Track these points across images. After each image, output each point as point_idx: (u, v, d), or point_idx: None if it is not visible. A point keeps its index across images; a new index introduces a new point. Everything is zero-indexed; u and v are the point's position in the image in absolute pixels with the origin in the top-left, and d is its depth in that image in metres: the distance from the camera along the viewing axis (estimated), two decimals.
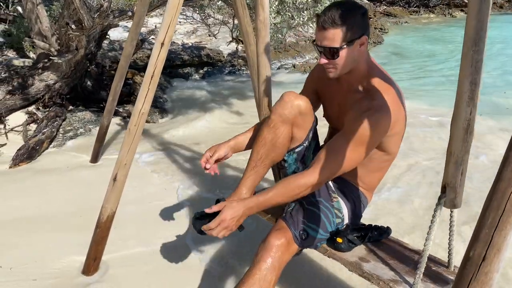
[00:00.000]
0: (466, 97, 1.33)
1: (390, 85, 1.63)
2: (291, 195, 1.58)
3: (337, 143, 1.59)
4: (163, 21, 2.16)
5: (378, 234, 1.85)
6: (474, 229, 0.97)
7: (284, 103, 1.72)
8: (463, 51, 1.30)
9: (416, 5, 16.27)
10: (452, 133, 1.42)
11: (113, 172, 2.26)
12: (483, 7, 1.22)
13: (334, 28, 1.52)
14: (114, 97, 3.26)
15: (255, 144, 1.79)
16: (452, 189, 1.48)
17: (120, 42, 7.20)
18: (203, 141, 4.16)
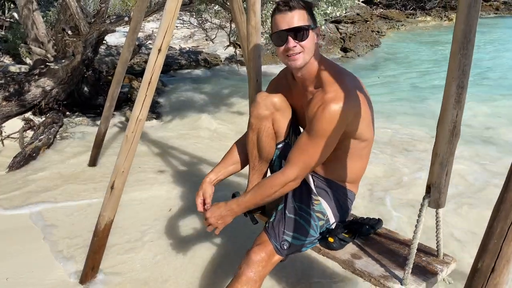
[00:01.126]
0: (452, 100, 1.35)
1: (340, 76, 1.67)
2: (268, 194, 1.69)
3: (302, 141, 1.65)
4: (160, 27, 2.17)
5: (369, 227, 1.86)
6: (482, 240, 0.96)
7: (258, 104, 1.83)
8: (451, 54, 1.32)
9: (412, 8, 16.32)
10: (438, 135, 1.44)
11: (110, 180, 2.27)
12: (471, 12, 1.24)
13: (300, 9, 1.61)
14: (111, 103, 3.27)
15: (247, 147, 1.93)
16: (436, 189, 1.50)
17: (117, 48, 7.23)
18: (199, 143, 4.18)
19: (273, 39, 1.67)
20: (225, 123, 4.90)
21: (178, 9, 2.21)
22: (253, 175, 1.94)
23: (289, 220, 1.74)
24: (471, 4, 1.24)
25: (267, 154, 1.89)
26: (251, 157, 1.92)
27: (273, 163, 1.93)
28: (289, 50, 1.61)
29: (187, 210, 2.98)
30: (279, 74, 1.98)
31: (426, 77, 7.20)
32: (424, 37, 11.60)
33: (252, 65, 2.07)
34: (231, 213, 1.74)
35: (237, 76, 7.29)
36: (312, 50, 1.65)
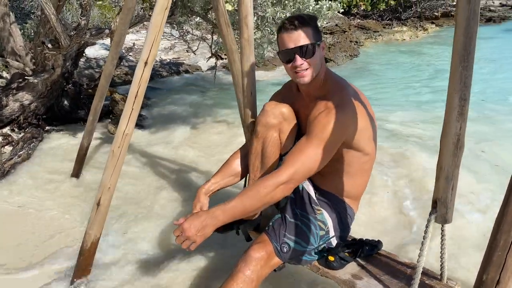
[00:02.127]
0: (456, 112, 1.34)
1: (344, 86, 1.71)
2: (258, 197, 1.52)
3: (301, 144, 1.63)
4: (146, 40, 2.13)
5: (369, 249, 1.85)
6: (485, 253, 0.96)
7: (266, 112, 1.81)
8: (452, 67, 1.31)
9: (388, 18, 16.68)
10: (442, 149, 1.43)
11: (96, 197, 2.19)
12: (471, 24, 1.24)
13: (305, 27, 1.64)
14: (94, 117, 3.18)
15: (249, 157, 1.89)
16: (443, 204, 1.48)
17: (97, 60, 7.11)
18: (185, 154, 4.11)
19: (280, 56, 1.70)
20: (210, 133, 4.83)
21: (164, 22, 2.18)
22: None
23: (290, 224, 1.71)
24: (470, 17, 1.23)
25: (271, 165, 1.84)
26: (253, 168, 1.87)
27: None
28: (297, 67, 1.65)
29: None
30: (283, 87, 2.00)
31: (406, 90, 7.28)
32: (401, 47, 11.82)
33: (246, 78, 2.04)
34: (214, 221, 1.47)
35: (219, 87, 7.26)
36: (319, 65, 1.69)
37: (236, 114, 5.49)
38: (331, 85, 1.72)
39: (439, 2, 17.92)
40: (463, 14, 1.24)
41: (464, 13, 1.23)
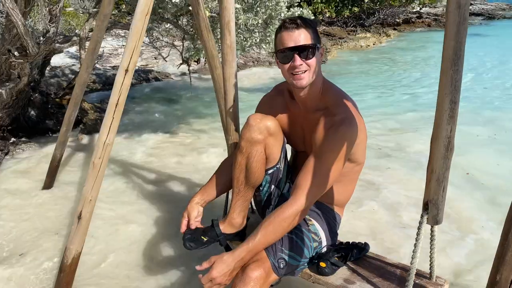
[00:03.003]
0: (446, 115, 1.37)
1: (344, 98, 1.68)
2: (280, 230, 1.56)
3: (312, 166, 1.59)
4: (127, 47, 2.08)
5: (358, 252, 1.86)
6: (497, 253, 0.97)
7: (251, 127, 1.72)
8: (442, 71, 1.34)
9: (353, 25, 17.10)
10: (432, 151, 1.45)
11: (77, 210, 2.11)
12: (460, 29, 1.27)
13: (306, 28, 1.60)
14: (67, 127, 3.07)
15: (233, 171, 1.81)
16: (434, 205, 1.51)
17: (62, 68, 6.88)
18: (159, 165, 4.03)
19: (278, 56, 1.63)
20: (185, 140, 4.77)
21: (145, 29, 2.13)
22: (237, 201, 1.82)
23: (285, 238, 1.67)
24: (460, 22, 1.27)
25: (256, 179, 1.79)
26: (237, 182, 1.79)
27: (262, 189, 1.86)
28: (295, 68, 1.59)
29: (159, 236, 2.83)
30: (273, 90, 1.93)
31: (376, 95, 7.48)
32: (367, 53, 12.12)
33: (228, 84, 2.02)
34: (241, 263, 1.53)
35: (192, 93, 7.18)
36: (317, 69, 1.64)
37: (210, 121, 5.50)
38: (332, 97, 1.68)
39: (400, 10, 18.55)
40: (453, 19, 1.27)
41: (454, 18, 1.26)
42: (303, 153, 1.85)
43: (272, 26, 5.02)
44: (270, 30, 5.01)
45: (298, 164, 1.93)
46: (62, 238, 2.76)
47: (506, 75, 8.32)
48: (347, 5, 16.14)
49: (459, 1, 1.24)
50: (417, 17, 20.16)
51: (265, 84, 7.60)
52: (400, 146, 4.48)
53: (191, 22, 5.12)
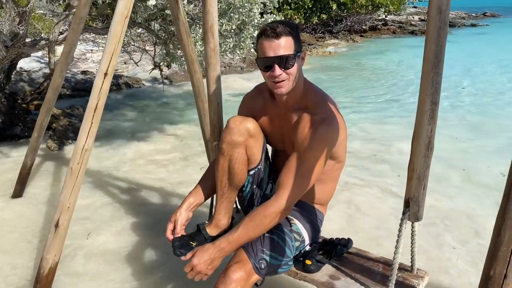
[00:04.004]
0: (427, 115, 1.42)
1: (324, 98, 1.72)
2: (261, 226, 1.58)
3: (294, 165, 1.61)
4: (106, 51, 2.04)
5: (342, 248, 1.89)
6: (489, 248, 1.01)
7: (231, 130, 1.74)
8: (423, 73, 1.39)
9: (321, 32, 17.41)
10: (413, 150, 1.51)
11: (54, 218, 2.04)
12: (441, 34, 1.32)
13: (287, 36, 1.58)
14: (39, 133, 2.97)
15: (216, 173, 1.83)
16: (415, 203, 1.56)
17: (29, 73, 6.67)
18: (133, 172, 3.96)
19: (259, 63, 1.64)
20: (160, 147, 4.71)
21: (124, 32, 2.11)
22: (221, 203, 1.83)
23: (266, 239, 1.67)
24: (441, 27, 1.32)
25: (238, 181, 1.81)
26: (220, 184, 1.81)
27: (245, 189, 1.87)
28: (275, 77, 1.60)
29: (141, 243, 2.78)
30: (253, 90, 1.94)
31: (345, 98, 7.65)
32: (335, 59, 12.38)
33: (213, 88, 2.02)
34: (221, 254, 1.55)
35: (164, 99, 7.12)
36: (298, 76, 1.65)
37: (185, 128, 5.45)
38: (313, 97, 1.71)
39: (367, 17, 19.06)
40: (433, 24, 1.32)
41: (435, 24, 1.32)
42: (283, 152, 1.88)
43: (246, 32, 5.05)
44: (243, 35, 5.04)
45: (278, 163, 1.95)
46: (36, 249, 2.66)
47: (463, 79, 8.69)
48: (315, 12, 16.42)
49: (439, 7, 1.30)
50: (383, 24, 20.76)
51: (236, 90, 7.62)
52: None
53: (163, 27, 5.07)
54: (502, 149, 4.50)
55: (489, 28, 22.48)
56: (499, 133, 5.11)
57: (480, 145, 4.70)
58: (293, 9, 15.30)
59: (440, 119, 1.50)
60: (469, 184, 3.67)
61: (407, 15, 24.04)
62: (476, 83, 8.25)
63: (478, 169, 3.96)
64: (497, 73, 9.27)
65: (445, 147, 4.41)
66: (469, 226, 2.95)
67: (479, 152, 4.47)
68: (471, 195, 3.44)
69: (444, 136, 4.75)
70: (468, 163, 4.12)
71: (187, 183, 3.62)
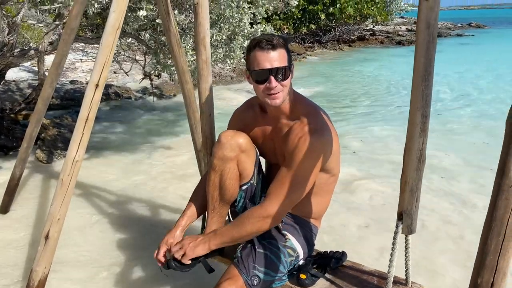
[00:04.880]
0: (418, 128, 1.44)
1: (314, 109, 1.72)
2: (243, 228, 1.60)
3: (283, 174, 1.61)
4: (97, 62, 2.05)
5: (336, 261, 1.88)
6: (477, 256, 1.02)
7: (222, 145, 1.72)
8: (413, 86, 1.41)
9: (310, 41, 17.58)
10: (405, 163, 1.52)
11: (44, 229, 2.02)
12: (430, 47, 1.35)
13: (281, 48, 1.59)
14: (29, 143, 2.94)
15: (208, 188, 1.81)
16: (408, 215, 1.57)
17: (16, 83, 6.61)
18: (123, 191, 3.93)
19: (253, 76, 1.62)
20: (154, 161, 4.64)
21: (115, 43, 2.12)
22: (212, 218, 1.82)
23: (259, 255, 1.67)
24: (430, 41, 1.35)
25: (230, 196, 1.79)
26: (211, 199, 1.79)
27: (237, 204, 1.86)
28: (271, 89, 1.60)
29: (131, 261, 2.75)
30: (244, 105, 1.94)
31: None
32: (322, 67, 12.49)
33: (204, 99, 2.03)
34: (205, 242, 1.64)
35: (153, 109, 7.09)
36: (289, 87, 1.66)
37: (174, 140, 5.41)
38: (303, 108, 1.70)
39: (355, 27, 19.31)
40: (422, 38, 1.35)
41: (424, 37, 1.34)
42: (276, 165, 1.87)
43: (236, 42, 5.08)
44: (233, 45, 5.07)
45: (271, 176, 1.94)
46: (25, 261, 2.62)
47: (447, 86, 8.95)
48: (304, 22, 16.59)
49: (428, 22, 1.33)
50: (371, 34, 21.04)
51: (230, 99, 7.64)
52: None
53: (153, 37, 5.08)
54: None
55: (474, 38, 22.95)
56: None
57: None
58: (282, 19, 15.44)
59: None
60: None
61: (394, 26, 24.42)
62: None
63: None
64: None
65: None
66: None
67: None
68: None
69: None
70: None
71: (177, 195, 3.59)
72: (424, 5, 1.33)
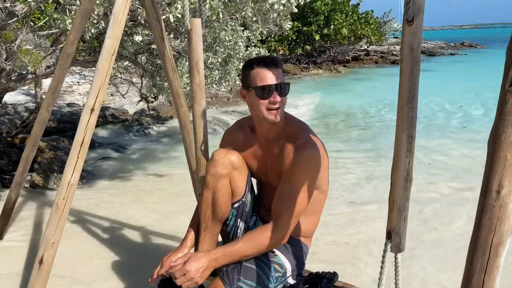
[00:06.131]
0: (404, 149, 1.48)
1: (304, 126, 1.80)
2: (258, 248, 1.64)
3: (285, 191, 1.66)
4: (92, 86, 2.09)
5: (327, 282, 1.89)
6: (464, 276, 1.04)
7: (215, 162, 1.77)
8: (399, 108, 1.46)
9: (306, 62, 17.80)
10: (393, 183, 1.55)
11: (38, 254, 2.02)
12: (414, 70, 1.40)
13: (280, 67, 1.73)
14: (24, 167, 2.95)
15: (200, 206, 1.85)
16: (396, 234, 1.59)
17: (14, 106, 6.66)
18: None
19: (257, 92, 1.68)
20: (144, 185, 4.64)
21: (111, 68, 2.16)
22: (204, 236, 1.84)
23: (244, 268, 1.68)
24: (413, 64, 1.40)
25: (222, 214, 1.82)
26: (204, 217, 1.83)
27: (229, 222, 1.88)
28: (274, 104, 1.67)
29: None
30: (234, 125, 2.00)
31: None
32: (321, 86, 12.62)
33: (198, 122, 2.07)
34: (214, 263, 1.59)
35: (151, 134, 7.11)
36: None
37: (169, 164, 5.40)
38: (293, 126, 1.78)
39: (350, 47, 19.58)
40: (406, 61, 1.39)
41: (408, 61, 1.39)
42: (267, 184, 1.92)
43: (231, 64, 5.17)
44: (229, 68, 5.15)
45: (262, 195, 1.99)
46: (18, 285, 2.61)
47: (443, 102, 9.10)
48: (299, 43, 16.82)
49: (411, 46, 1.38)
50: (365, 54, 21.35)
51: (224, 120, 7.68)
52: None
53: (150, 60, 5.16)
54: None
55: (467, 56, 23.30)
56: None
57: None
58: (277, 41, 15.67)
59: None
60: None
61: (388, 45, 24.79)
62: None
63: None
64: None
65: None
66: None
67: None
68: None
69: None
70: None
71: (172, 223, 3.54)
72: (407, 30, 1.38)
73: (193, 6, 3.10)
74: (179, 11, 3.10)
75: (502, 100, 1.00)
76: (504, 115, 0.99)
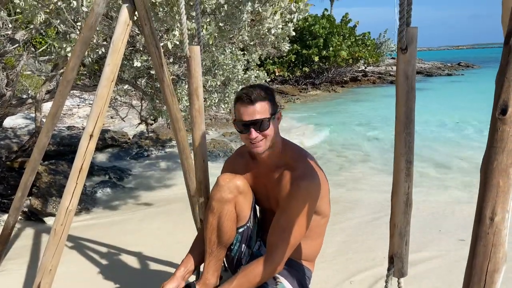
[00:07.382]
0: (403, 174, 1.48)
1: (303, 154, 1.80)
2: (253, 283, 1.62)
3: (281, 223, 1.66)
4: (92, 112, 2.11)
5: None
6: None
7: (221, 187, 1.78)
8: (396, 134, 1.47)
9: (304, 83, 17.98)
10: (393, 207, 1.55)
11: (35, 281, 2.01)
12: (409, 96, 1.42)
13: (262, 101, 1.69)
14: (23, 192, 2.94)
15: (205, 231, 1.84)
16: (399, 259, 1.58)
17: (14, 129, 6.67)
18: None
19: (236, 126, 1.73)
20: (152, 212, 4.60)
21: (110, 94, 2.19)
22: (209, 262, 1.83)
23: None
24: (408, 91, 1.42)
25: (227, 239, 1.82)
26: (209, 242, 1.82)
27: (233, 248, 1.88)
28: (252, 139, 1.69)
29: None
30: (235, 153, 2.02)
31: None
32: (317, 107, 12.70)
33: (198, 146, 2.08)
34: None
35: (150, 157, 7.11)
36: (274, 135, 1.73)
37: (169, 189, 5.36)
38: (291, 153, 1.78)
39: (347, 69, 19.81)
40: (402, 88, 1.42)
41: (403, 88, 1.41)
42: (269, 210, 1.91)
43: (230, 87, 5.21)
44: (228, 91, 5.20)
45: (265, 221, 1.98)
46: None
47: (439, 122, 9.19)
48: (298, 65, 17.02)
49: (406, 73, 1.40)
50: (363, 75, 21.58)
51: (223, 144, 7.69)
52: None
53: (150, 84, 5.21)
54: None
55: (464, 77, 23.55)
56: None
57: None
58: (276, 63, 15.86)
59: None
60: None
61: (386, 66, 25.07)
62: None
63: None
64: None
65: None
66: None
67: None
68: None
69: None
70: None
71: (171, 249, 3.45)
72: (401, 58, 1.41)
73: (190, 33, 3.15)
74: (177, 38, 3.15)
75: (493, 128, 1.01)
76: (495, 143, 1.00)
